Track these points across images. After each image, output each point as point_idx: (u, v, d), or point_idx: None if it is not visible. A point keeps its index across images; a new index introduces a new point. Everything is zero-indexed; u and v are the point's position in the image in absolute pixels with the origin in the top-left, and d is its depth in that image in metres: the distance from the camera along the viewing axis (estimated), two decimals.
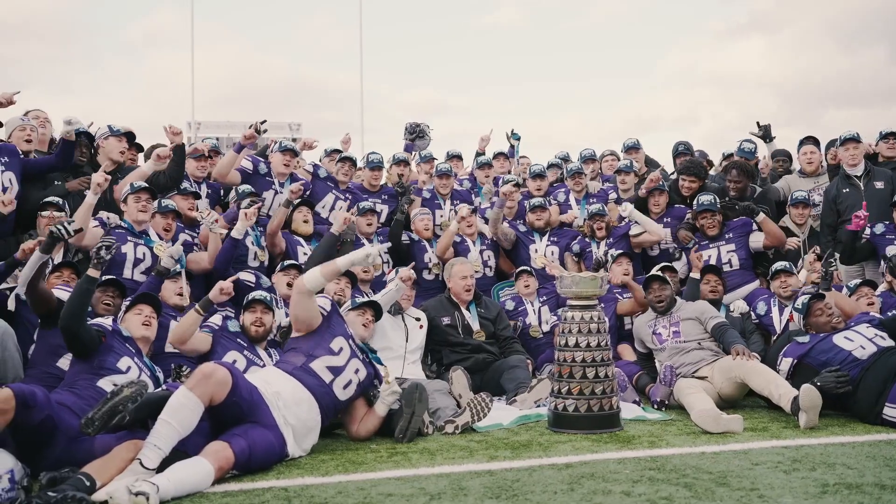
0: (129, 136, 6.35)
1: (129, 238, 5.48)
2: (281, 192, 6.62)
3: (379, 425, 4.43)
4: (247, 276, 5.62)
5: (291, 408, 3.96)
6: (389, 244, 6.30)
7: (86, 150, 6.12)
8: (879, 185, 6.67)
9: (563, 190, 7.61)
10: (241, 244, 5.87)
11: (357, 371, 4.34)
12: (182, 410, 3.51)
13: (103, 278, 4.62)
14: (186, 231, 5.99)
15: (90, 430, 3.35)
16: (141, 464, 3.34)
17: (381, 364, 4.59)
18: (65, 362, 4.24)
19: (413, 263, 6.13)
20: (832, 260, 5.74)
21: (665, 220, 6.97)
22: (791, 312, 5.67)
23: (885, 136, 7.14)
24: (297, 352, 4.26)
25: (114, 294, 4.84)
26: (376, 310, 5.09)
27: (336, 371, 4.22)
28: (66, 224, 4.34)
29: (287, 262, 5.80)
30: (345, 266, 4.43)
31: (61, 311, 4.06)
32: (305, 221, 6.45)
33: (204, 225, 5.79)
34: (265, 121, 6.49)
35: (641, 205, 7.01)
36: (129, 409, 3.41)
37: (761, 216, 6.47)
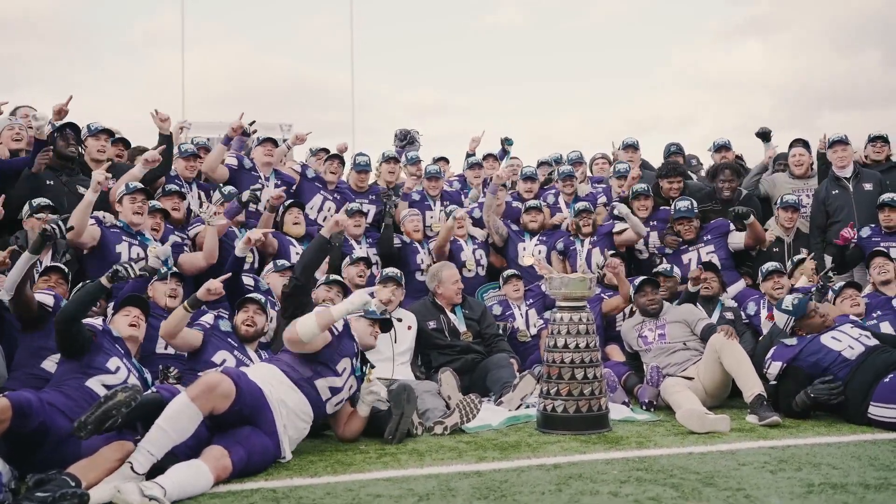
0: (109, 133, 6.33)
1: (124, 238, 5.46)
2: (268, 185, 6.64)
3: (363, 426, 4.42)
4: (246, 280, 5.55)
5: (292, 418, 3.98)
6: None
7: (73, 143, 5.95)
8: (868, 186, 6.74)
9: (552, 192, 7.64)
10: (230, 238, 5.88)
11: (351, 388, 4.36)
12: (181, 420, 3.47)
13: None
14: (176, 232, 5.97)
15: (82, 433, 3.32)
16: (132, 468, 3.31)
17: (367, 363, 4.55)
18: (49, 364, 4.19)
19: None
20: (831, 274, 5.79)
21: (651, 223, 6.99)
22: (770, 312, 5.68)
23: (872, 140, 7.21)
24: (305, 362, 4.14)
25: None
26: (383, 324, 4.86)
27: (335, 391, 4.22)
28: (60, 222, 4.29)
29: (280, 262, 5.73)
30: (340, 316, 4.19)
31: (42, 313, 4.03)
32: (296, 223, 6.43)
33: (203, 216, 5.70)
34: (254, 121, 6.53)
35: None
36: (123, 414, 3.37)
37: (751, 219, 6.51)
